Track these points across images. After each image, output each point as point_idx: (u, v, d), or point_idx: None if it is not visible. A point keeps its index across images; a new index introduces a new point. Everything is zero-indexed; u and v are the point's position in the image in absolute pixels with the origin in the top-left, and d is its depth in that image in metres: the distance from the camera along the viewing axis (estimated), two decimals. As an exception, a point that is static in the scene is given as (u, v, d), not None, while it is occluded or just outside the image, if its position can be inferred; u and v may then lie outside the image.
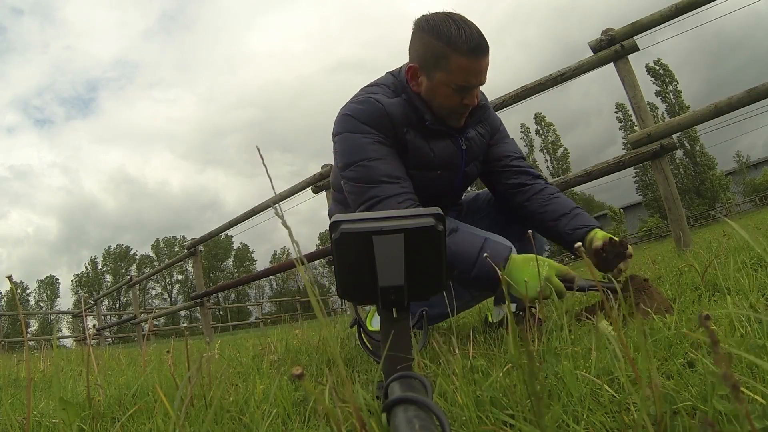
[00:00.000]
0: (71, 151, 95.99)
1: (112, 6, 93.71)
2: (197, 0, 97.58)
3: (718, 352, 0.34)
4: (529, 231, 1.50)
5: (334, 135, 1.34)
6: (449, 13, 1.25)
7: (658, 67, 44.29)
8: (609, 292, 0.97)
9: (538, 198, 1.42)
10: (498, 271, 1.02)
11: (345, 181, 1.31)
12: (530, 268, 1.12)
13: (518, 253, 1.21)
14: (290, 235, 0.60)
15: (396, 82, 1.36)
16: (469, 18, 1.27)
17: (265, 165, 0.62)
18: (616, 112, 47.26)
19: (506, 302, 0.80)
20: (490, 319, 1.59)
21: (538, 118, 51.46)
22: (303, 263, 0.62)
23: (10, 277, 0.75)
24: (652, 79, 44.15)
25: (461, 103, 1.28)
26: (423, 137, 1.32)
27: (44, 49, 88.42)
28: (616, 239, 1.23)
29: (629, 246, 1.22)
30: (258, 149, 0.64)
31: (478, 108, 1.40)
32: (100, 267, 59.59)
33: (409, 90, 1.32)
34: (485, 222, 1.51)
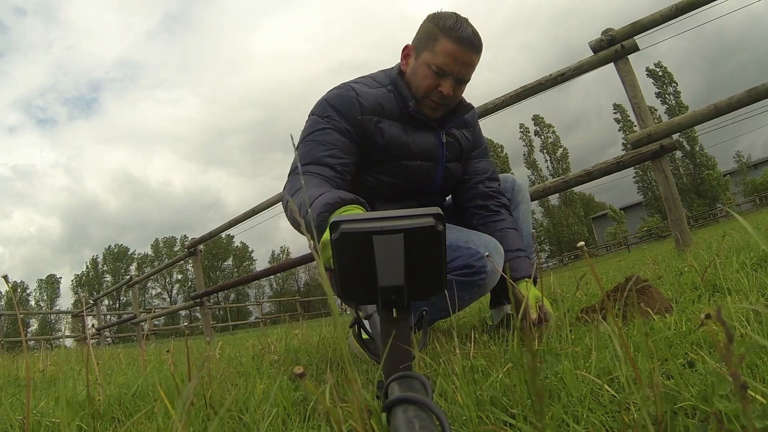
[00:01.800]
0: (74, 151, 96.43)
1: (116, 7, 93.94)
2: (201, 1, 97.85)
3: (731, 351, 0.34)
4: (533, 231, 1.51)
5: (309, 114, 1.39)
6: (459, 14, 1.32)
7: (658, 69, 44.43)
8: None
9: (491, 227, 1.43)
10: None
11: (294, 154, 1.34)
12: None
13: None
14: (308, 228, 0.60)
15: (384, 76, 1.41)
16: (472, 21, 1.32)
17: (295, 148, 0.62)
18: (614, 113, 47.40)
19: (511, 302, 0.80)
20: (489, 322, 1.59)
21: (537, 119, 51.54)
22: (298, 264, 0.62)
23: (5, 277, 0.75)
24: (653, 81, 44.28)
25: (436, 88, 1.30)
26: (402, 127, 1.36)
27: (47, 49, 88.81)
28: (541, 306, 1.17)
29: (549, 317, 1.17)
30: (291, 138, 0.64)
31: (462, 107, 1.44)
32: (100, 267, 59.63)
33: (398, 81, 1.36)
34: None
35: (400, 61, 1.40)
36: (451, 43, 1.26)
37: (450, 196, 1.61)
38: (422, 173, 1.40)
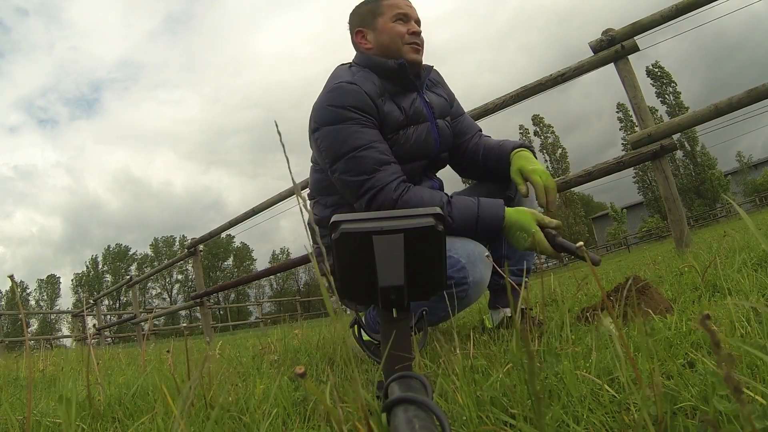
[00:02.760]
0: (75, 151, 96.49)
1: (118, 7, 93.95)
2: (203, 2, 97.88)
3: (720, 354, 0.34)
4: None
5: (314, 131, 1.35)
6: None
7: (657, 69, 44.46)
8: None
9: (490, 145, 1.55)
10: (500, 222, 1.25)
11: (337, 175, 1.32)
12: (522, 221, 1.24)
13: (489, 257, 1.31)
14: (307, 222, 0.60)
15: (347, 68, 1.45)
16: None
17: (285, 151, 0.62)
18: (617, 112, 47.41)
19: (510, 304, 0.80)
20: (488, 324, 1.58)
21: (537, 120, 51.61)
22: (300, 263, 0.62)
23: (11, 277, 0.75)
24: (651, 81, 44.31)
25: (408, 32, 1.42)
26: (392, 100, 1.39)
27: (49, 49, 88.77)
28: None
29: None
30: (279, 134, 0.65)
31: (426, 67, 1.51)
32: (100, 267, 59.62)
33: (368, 56, 1.43)
34: None
35: (359, 46, 1.48)
36: None
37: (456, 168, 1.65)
38: (419, 138, 1.42)
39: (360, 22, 1.47)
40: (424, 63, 1.49)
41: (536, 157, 1.43)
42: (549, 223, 1.23)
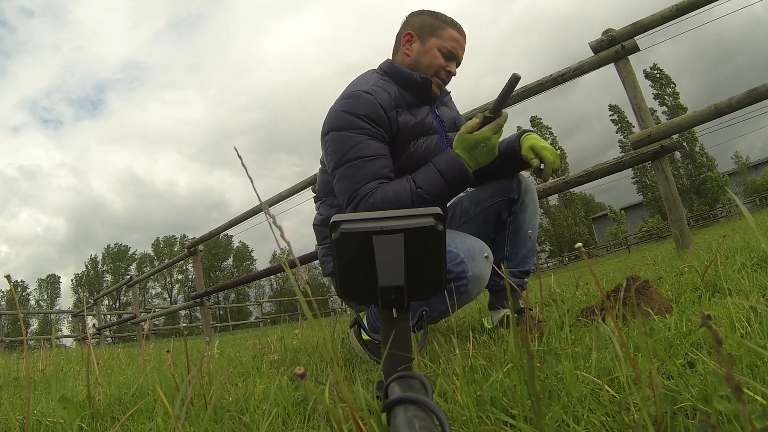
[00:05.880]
0: (79, 151, 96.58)
1: (124, 8, 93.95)
2: (209, 3, 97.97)
3: (722, 353, 0.34)
4: (530, 231, 1.51)
5: (325, 134, 1.38)
6: None
7: (655, 72, 44.52)
8: None
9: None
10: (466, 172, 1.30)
11: (336, 179, 1.35)
12: (469, 143, 1.30)
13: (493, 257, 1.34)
14: (282, 236, 0.60)
15: (372, 73, 1.48)
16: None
17: (244, 166, 0.62)
18: (610, 114, 47.41)
19: (509, 304, 0.80)
20: (486, 325, 1.57)
21: (535, 121, 51.70)
22: (294, 266, 0.62)
23: (8, 277, 0.75)
24: (650, 83, 44.34)
25: (445, 68, 1.46)
26: (408, 110, 1.42)
27: (54, 50, 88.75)
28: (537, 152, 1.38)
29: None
30: (238, 151, 0.64)
31: (444, 91, 1.56)
32: (100, 266, 59.63)
33: (395, 66, 1.45)
34: (469, 226, 1.56)
35: (401, 47, 1.49)
36: (455, 31, 1.47)
37: None
38: (428, 149, 1.44)
39: (416, 27, 1.48)
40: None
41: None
42: (475, 124, 1.30)
